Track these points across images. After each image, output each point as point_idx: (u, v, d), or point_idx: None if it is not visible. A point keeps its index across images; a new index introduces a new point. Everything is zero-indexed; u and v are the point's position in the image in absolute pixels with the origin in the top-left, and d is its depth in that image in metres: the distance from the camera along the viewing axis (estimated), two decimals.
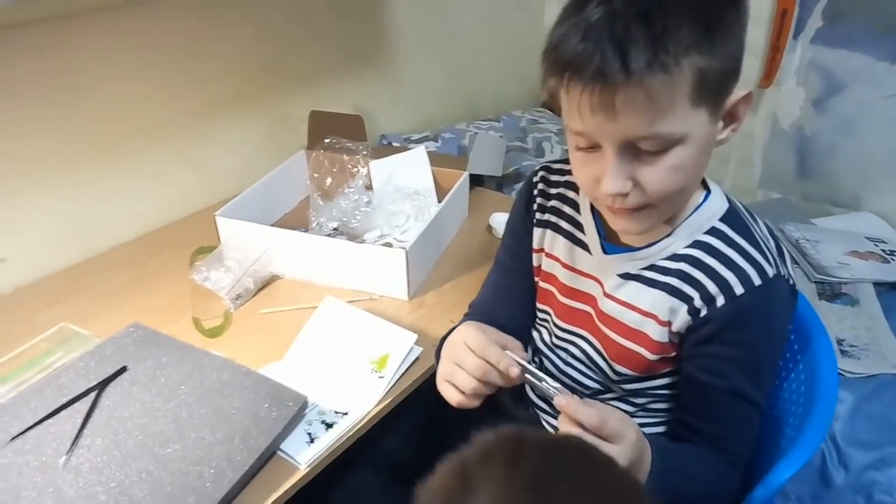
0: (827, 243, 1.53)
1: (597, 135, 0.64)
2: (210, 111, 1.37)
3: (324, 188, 1.33)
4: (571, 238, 0.83)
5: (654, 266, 0.75)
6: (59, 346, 0.96)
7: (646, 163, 0.64)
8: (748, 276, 0.69)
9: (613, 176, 0.65)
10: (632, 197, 0.66)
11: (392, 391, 0.91)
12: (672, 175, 0.65)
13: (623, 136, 0.63)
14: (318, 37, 1.51)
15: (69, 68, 1.12)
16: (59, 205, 1.18)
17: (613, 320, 0.79)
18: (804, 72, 1.72)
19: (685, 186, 0.68)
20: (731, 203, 0.76)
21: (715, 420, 0.75)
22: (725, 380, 0.72)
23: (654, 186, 0.65)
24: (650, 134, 0.62)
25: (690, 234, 0.73)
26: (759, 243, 0.72)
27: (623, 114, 0.61)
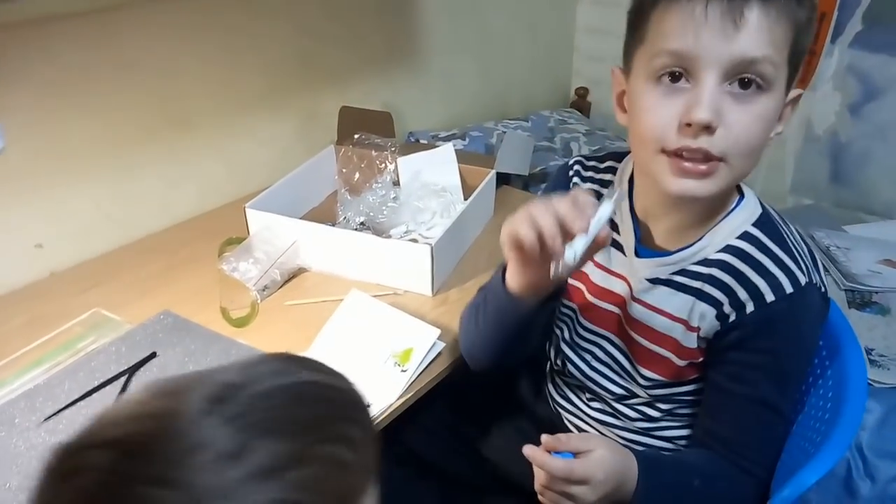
0: (858, 251, 1.50)
1: (704, 54, 0.61)
2: (243, 105, 1.39)
3: (352, 183, 1.34)
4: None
5: (685, 271, 0.74)
6: (91, 331, 0.99)
7: (736, 103, 0.62)
8: (780, 283, 0.68)
9: (708, 102, 0.61)
10: (716, 137, 0.63)
11: (414, 385, 0.92)
12: (757, 124, 0.63)
13: (737, 53, 0.61)
14: (350, 33, 1.53)
15: (109, 60, 1.15)
16: (95, 193, 1.21)
17: (641, 324, 0.78)
18: (841, 76, 1.69)
19: (759, 145, 0.65)
20: (765, 208, 0.74)
21: (736, 427, 0.74)
22: (750, 387, 0.72)
23: (739, 129, 0.63)
24: (764, 56, 0.61)
25: (723, 238, 0.72)
26: (791, 250, 0.71)
27: (748, 27, 0.60)
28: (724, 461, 0.75)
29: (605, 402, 0.87)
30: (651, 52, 0.65)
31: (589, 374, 0.86)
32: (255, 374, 0.41)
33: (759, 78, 0.62)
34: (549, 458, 0.66)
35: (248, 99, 1.39)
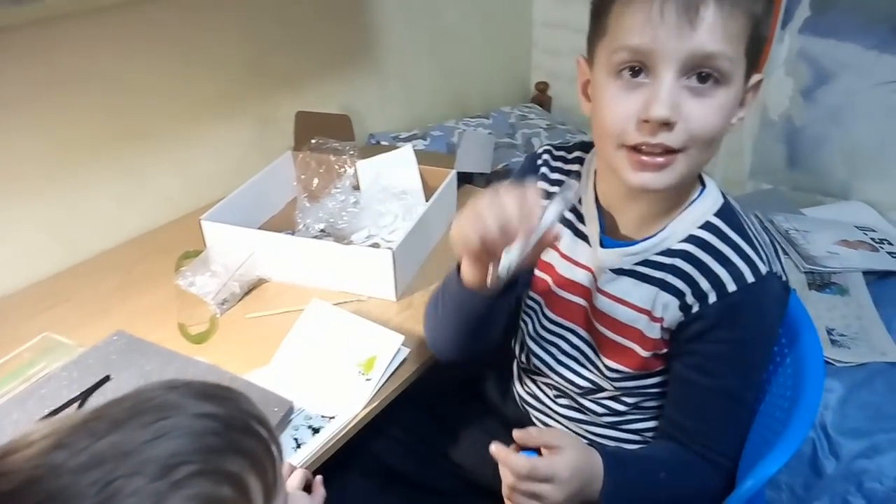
0: (817, 233, 1.53)
1: (662, 49, 0.62)
2: (195, 114, 1.35)
3: (311, 189, 1.32)
4: (571, 227, 0.82)
5: (648, 261, 0.74)
6: (42, 357, 0.95)
7: (694, 97, 0.63)
8: (741, 273, 0.69)
9: (666, 98, 0.62)
10: (675, 132, 0.64)
11: (380, 394, 0.91)
12: (715, 116, 0.64)
13: (694, 48, 0.61)
14: (303, 36, 1.50)
15: (51, 73, 1.11)
16: (41, 212, 1.17)
17: (605, 316, 0.78)
18: (793, 62, 1.72)
19: (718, 137, 0.66)
20: (726, 198, 0.75)
21: (701, 418, 0.75)
22: (714, 378, 0.72)
23: (699, 123, 0.64)
24: (720, 51, 0.61)
25: (686, 228, 0.73)
26: (752, 239, 0.71)
27: (703, 24, 0.61)
28: (690, 452, 0.75)
29: (571, 397, 0.87)
30: (611, 46, 0.66)
31: (554, 368, 0.86)
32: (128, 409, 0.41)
33: (717, 72, 0.63)
34: (514, 455, 0.67)
35: (199, 108, 1.36)
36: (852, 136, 1.67)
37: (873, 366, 1.20)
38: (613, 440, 0.86)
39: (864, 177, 1.70)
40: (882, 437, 1.10)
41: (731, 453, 0.75)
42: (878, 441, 1.10)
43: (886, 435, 1.10)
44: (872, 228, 1.57)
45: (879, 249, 1.49)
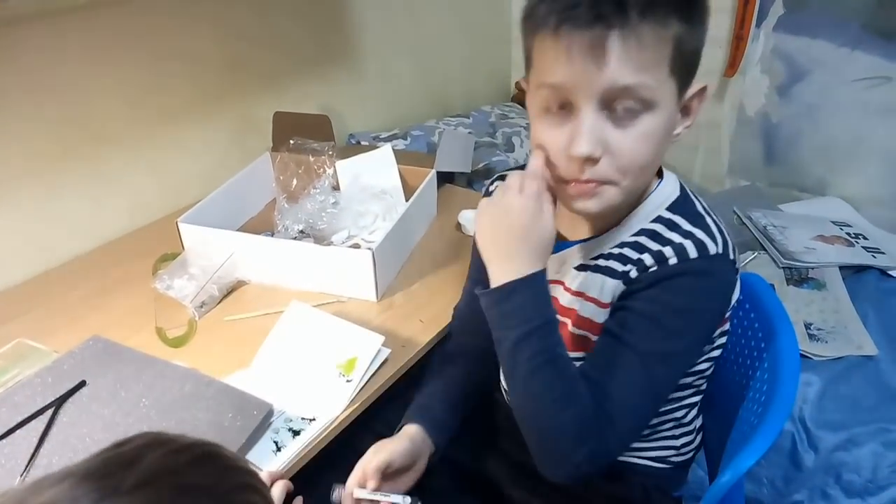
0: (794, 229, 1.55)
1: (578, 86, 0.62)
2: (170, 115, 1.34)
3: (290, 190, 1.31)
4: None
5: (602, 254, 0.75)
6: (15, 363, 0.93)
7: (618, 128, 0.63)
8: (685, 248, 0.68)
9: (588, 135, 0.63)
10: (601, 165, 0.64)
11: (361, 394, 0.90)
12: (642, 144, 0.64)
13: (607, 85, 0.61)
14: (281, 35, 1.49)
15: (20, 74, 1.08)
16: (14, 217, 1.14)
17: (570, 311, 0.79)
18: (768, 59, 1.74)
19: (650, 163, 0.67)
20: (684, 191, 0.75)
21: (605, 370, 0.70)
22: (635, 336, 0.69)
23: (625, 154, 0.64)
24: (630, 85, 0.61)
25: (638, 222, 0.73)
26: (707, 225, 0.71)
27: (613, 59, 0.60)
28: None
29: None
30: (536, 82, 0.67)
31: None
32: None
33: (637, 102, 0.63)
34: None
35: (175, 108, 1.34)
36: (827, 132, 1.70)
37: (850, 359, 1.22)
38: None
39: (840, 172, 1.72)
40: (859, 430, 1.11)
41: (621, 420, 0.68)
42: (856, 434, 1.11)
43: (864, 427, 1.11)
44: (848, 224, 1.59)
45: (855, 244, 1.51)
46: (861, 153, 1.67)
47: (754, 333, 0.85)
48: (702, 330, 0.72)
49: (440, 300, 1.08)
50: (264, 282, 1.13)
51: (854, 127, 1.65)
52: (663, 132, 0.65)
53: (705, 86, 0.68)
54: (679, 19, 0.61)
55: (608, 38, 0.60)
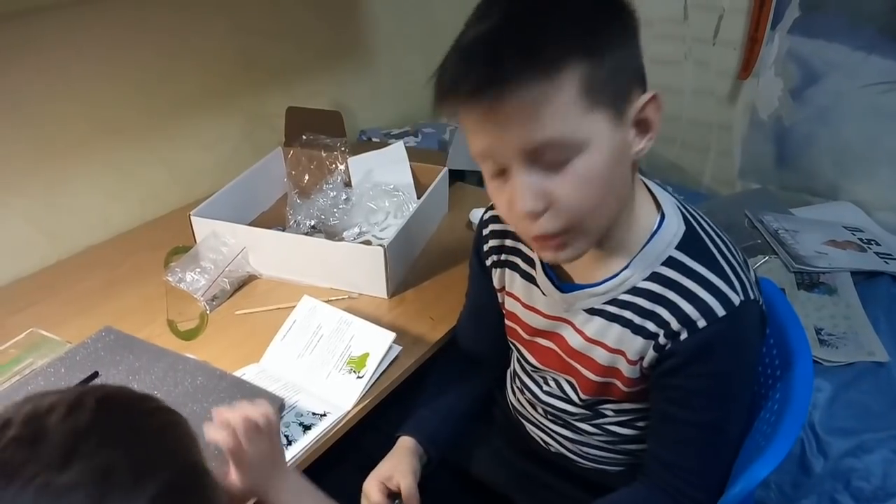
0: (805, 233, 1.54)
1: (498, 152, 0.61)
2: (183, 109, 1.34)
3: (301, 186, 1.31)
4: (528, 277, 0.81)
5: (616, 300, 0.72)
6: (28, 352, 0.94)
7: (554, 177, 0.61)
8: (710, 308, 0.66)
9: (523, 193, 0.61)
10: (548, 219, 0.62)
11: (371, 391, 0.90)
12: (583, 187, 0.61)
13: (519, 146, 0.59)
14: (293, 31, 1.49)
15: (38, 66, 1.09)
16: (29, 206, 1.15)
17: (585, 357, 0.77)
18: (782, 62, 1.72)
19: (602, 201, 0.63)
20: (689, 223, 0.71)
21: (681, 451, 0.72)
22: (693, 411, 0.70)
23: (567, 201, 0.61)
24: (544, 140, 0.59)
25: (648, 265, 0.69)
26: (722, 268, 0.68)
27: (511, 125, 0.59)
28: (664, 493, 0.73)
29: (562, 419, 0.86)
30: (471, 151, 0.65)
31: (545, 400, 0.86)
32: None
33: (560, 151, 0.60)
34: None
35: (187, 103, 1.34)
36: (841, 136, 1.69)
37: (861, 365, 1.21)
38: (607, 460, 0.85)
39: (853, 177, 1.71)
40: (869, 436, 1.11)
41: (708, 487, 0.72)
42: (866, 440, 1.10)
43: (874, 434, 1.11)
44: (860, 229, 1.58)
45: (867, 249, 1.50)
46: (874, 158, 1.66)
47: (768, 350, 0.84)
48: (752, 374, 0.74)
49: (451, 298, 1.07)
50: (275, 276, 1.13)
51: (868, 131, 1.64)
52: (607, 168, 0.61)
53: (654, 94, 0.63)
54: (577, 57, 0.58)
55: (499, 106, 0.58)
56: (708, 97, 1.82)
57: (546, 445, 0.90)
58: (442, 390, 0.93)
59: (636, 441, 0.81)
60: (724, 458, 0.73)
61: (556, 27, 0.58)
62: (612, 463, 0.85)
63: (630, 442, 0.82)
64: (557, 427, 0.87)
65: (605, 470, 0.85)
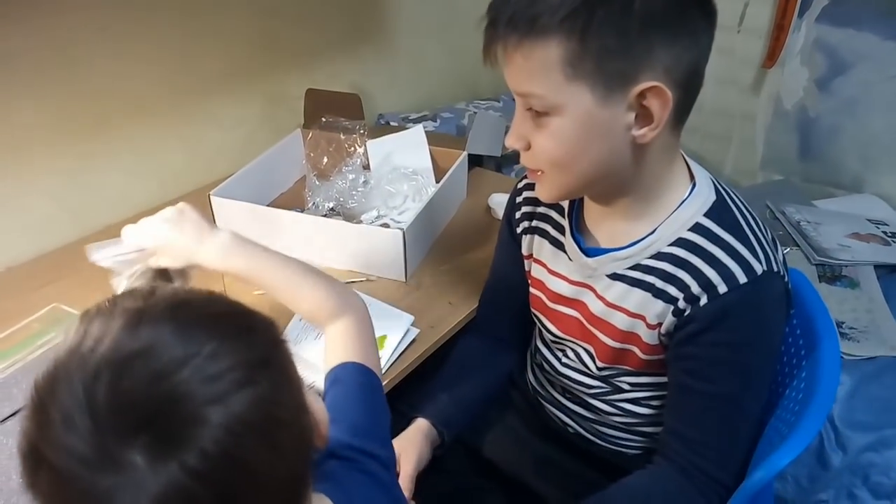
0: (828, 225, 1.52)
1: (510, 87, 0.68)
2: (204, 89, 1.34)
3: (320, 168, 1.31)
4: (556, 243, 0.82)
5: (639, 265, 0.73)
6: (51, 327, 0.95)
7: (536, 125, 0.68)
8: (732, 273, 0.66)
9: (512, 129, 0.70)
10: (526, 157, 0.71)
11: (389, 372, 0.90)
12: (550, 142, 0.67)
13: (514, 88, 0.67)
14: (315, 14, 1.48)
15: (61, 44, 1.09)
16: (50, 185, 1.16)
17: (604, 322, 0.77)
18: (809, 51, 1.69)
19: (568, 161, 0.68)
20: (720, 195, 0.72)
21: (697, 425, 0.72)
22: (710, 383, 0.70)
23: (536, 150, 0.69)
24: (523, 91, 0.66)
25: (675, 231, 0.71)
26: (748, 238, 0.69)
27: (507, 68, 0.66)
28: (681, 472, 0.73)
29: (580, 397, 0.86)
30: None
31: (560, 371, 0.86)
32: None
33: (540, 105, 0.66)
34: None
35: (208, 82, 1.34)
36: (867, 128, 1.66)
37: (883, 360, 1.19)
38: (625, 442, 0.85)
39: (878, 170, 1.68)
40: (890, 432, 1.09)
41: (728, 463, 0.72)
42: (886, 435, 1.09)
43: (894, 429, 1.09)
44: (885, 222, 1.56)
45: (891, 243, 1.48)
46: None
47: (792, 329, 0.83)
48: (773, 349, 0.73)
49: (469, 282, 1.07)
50: (294, 257, 1.13)
51: (894, 123, 1.61)
52: (577, 135, 0.66)
53: (655, 84, 0.62)
54: (567, 27, 0.61)
55: (505, 50, 0.65)
56: (731, 86, 1.80)
57: (564, 426, 0.90)
58: (460, 374, 0.93)
59: (653, 424, 0.81)
60: (742, 435, 0.72)
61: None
62: (629, 446, 0.85)
63: (647, 424, 0.82)
64: (574, 405, 0.87)
65: (623, 453, 0.85)
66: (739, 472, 0.71)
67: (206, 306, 0.45)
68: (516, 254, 0.89)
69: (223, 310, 0.45)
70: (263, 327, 0.46)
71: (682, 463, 0.72)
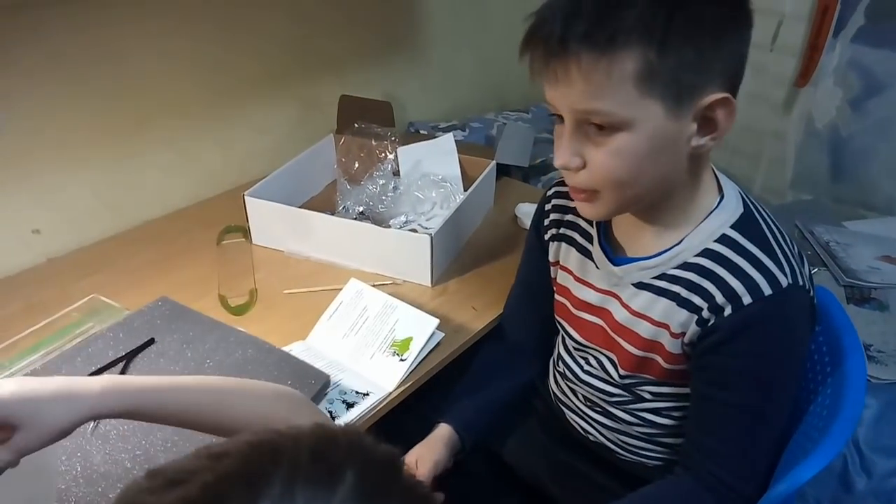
0: (858, 247, 1.50)
1: (556, 104, 0.66)
2: (241, 91, 1.38)
3: (351, 172, 1.33)
4: (583, 251, 0.83)
5: (665, 275, 0.73)
6: (89, 317, 0.99)
7: (595, 143, 0.65)
8: (757, 285, 0.67)
9: (564, 147, 0.67)
10: (580, 176, 0.68)
11: (413, 375, 0.92)
12: (614, 160, 0.65)
13: (568, 105, 0.64)
14: (349, 20, 1.52)
15: (104, 45, 1.13)
16: (91, 180, 1.20)
17: (628, 331, 0.78)
18: (843, 71, 1.68)
19: (631, 179, 0.66)
20: (748, 207, 0.72)
21: (720, 435, 0.72)
22: (732, 393, 0.70)
23: (596, 168, 0.66)
24: (590, 109, 0.63)
25: (701, 241, 0.71)
26: (774, 251, 0.69)
27: (562, 83, 0.63)
28: (701, 483, 0.72)
29: (601, 406, 0.87)
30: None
31: (582, 378, 0.87)
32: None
33: (605, 122, 0.63)
34: None
35: (244, 86, 1.38)
36: None
37: None
38: (646, 452, 0.85)
39: None
40: None
41: (748, 474, 0.71)
42: None
43: None
44: None
45: None
46: None
47: (818, 346, 0.83)
48: (797, 362, 0.73)
49: (493, 290, 1.09)
50: (323, 258, 1.16)
51: None
52: (644, 151, 0.64)
53: (726, 96, 0.63)
54: (647, 40, 0.60)
55: (550, 63, 0.63)
56: (763, 104, 1.79)
57: (585, 434, 0.90)
58: (482, 380, 0.94)
59: (674, 434, 0.81)
60: (764, 447, 0.72)
61: (630, 9, 0.60)
62: (650, 457, 0.85)
63: (668, 435, 0.82)
64: (595, 413, 0.87)
65: (644, 464, 0.85)
66: (760, 484, 0.71)
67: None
68: (543, 261, 0.90)
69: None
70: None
71: (703, 474, 0.72)
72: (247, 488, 0.31)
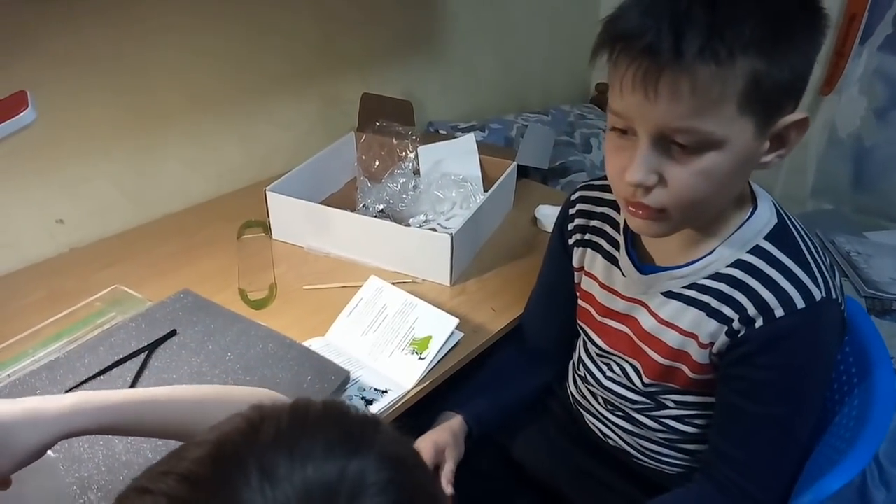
0: (880, 258, 1.49)
1: (635, 117, 0.62)
2: (264, 88, 1.38)
3: (371, 170, 1.34)
4: (609, 258, 0.82)
5: (695, 284, 0.72)
6: (112, 307, 0.99)
7: (677, 161, 0.62)
8: (790, 298, 0.66)
9: (640, 163, 0.62)
10: (654, 195, 0.64)
11: (432, 373, 0.92)
12: (699, 180, 0.62)
13: (660, 122, 0.60)
14: (372, 19, 1.52)
15: (130, 38, 1.14)
16: (115, 171, 1.21)
17: (655, 339, 0.77)
18: (869, 80, 1.66)
19: (709, 199, 0.64)
20: (781, 218, 0.71)
21: (744, 446, 0.71)
22: (760, 405, 0.69)
23: (678, 188, 0.62)
24: (687, 127, 0.59)
25: (734, 252, 0.70)
26: (808, 263, 0.67)
27: (665, 98, 0.58)
28: (723, 492, 0.72)
29: (623, 410, 0.86)
30: (609, 102, 0.66)
31: (606, 385, 0.86)
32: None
33: (697, 141, 0.60)
34: None
35: (268, 83, 1.39)
36: None
37: None
38: (666, 459, 0.85)
39: None
40: None
41: (771, 486, 0.70)
42: None
43: None
44: None
45: None
46: None
47: (844, 357, 0.82)
48: (825, 375, 0.73)
49: (512, 291, 1.08)
50: (343, 255, 1.16)
51: None
52: (730, 171, 0.62)
53: (806, 117, 0.62)
54: (757, 53, 0.57)
55: (660, 76, 0.57)
56: None
57: (605, 438, 0.90)
58: (497, 379, 0.94)
59: (696, 441, 0.81)
60: (788, 458, 0.71)
61: (747, 12, 0.57)
62: (671, 463, 0.85)
63: (690, 442, 0.81)
64: (616, 418, 0.87)
65: (663, 470, 0.85)
66: (782, 496, 0.71)
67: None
68: (566, 265, 0.89)
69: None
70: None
71: (725, 482, 0.72)
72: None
